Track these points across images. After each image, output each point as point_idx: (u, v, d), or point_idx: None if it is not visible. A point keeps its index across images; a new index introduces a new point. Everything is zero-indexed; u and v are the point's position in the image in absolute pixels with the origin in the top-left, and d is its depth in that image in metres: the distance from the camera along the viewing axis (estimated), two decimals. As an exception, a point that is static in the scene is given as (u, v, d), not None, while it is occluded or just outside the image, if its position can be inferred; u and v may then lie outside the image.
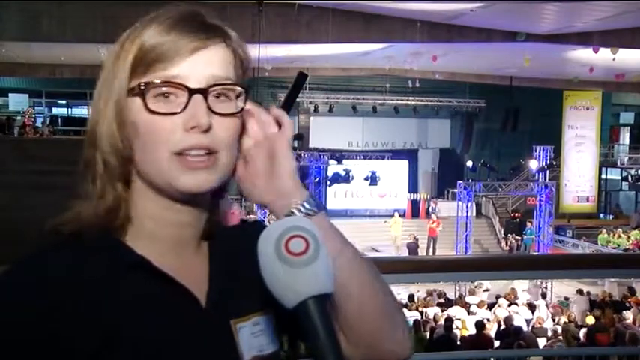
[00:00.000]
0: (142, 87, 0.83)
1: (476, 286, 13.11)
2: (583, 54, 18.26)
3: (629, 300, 11.86)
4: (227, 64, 0.86)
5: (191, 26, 0.85)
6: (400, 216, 22.33)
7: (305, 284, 0.74)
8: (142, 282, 0.85)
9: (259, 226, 0.88)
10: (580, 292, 13.21)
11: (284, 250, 0.74)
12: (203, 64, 0.84)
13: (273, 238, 0.75)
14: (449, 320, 9.56)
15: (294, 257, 0.74)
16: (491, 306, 11.75)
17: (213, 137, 0.84)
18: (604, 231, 21.10)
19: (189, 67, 0.83)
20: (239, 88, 0.87)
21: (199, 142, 0.83)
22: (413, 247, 19.21)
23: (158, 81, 0.83)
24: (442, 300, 12.79)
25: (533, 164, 23.62)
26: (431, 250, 19.94)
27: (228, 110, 0.86)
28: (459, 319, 10.50)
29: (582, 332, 9.22)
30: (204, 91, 0.83)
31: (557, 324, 10.57)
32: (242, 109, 0.88)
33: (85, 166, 0.88)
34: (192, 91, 0.83)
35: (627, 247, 20.08)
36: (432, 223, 20.66)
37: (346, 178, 21.94)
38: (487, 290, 13.41)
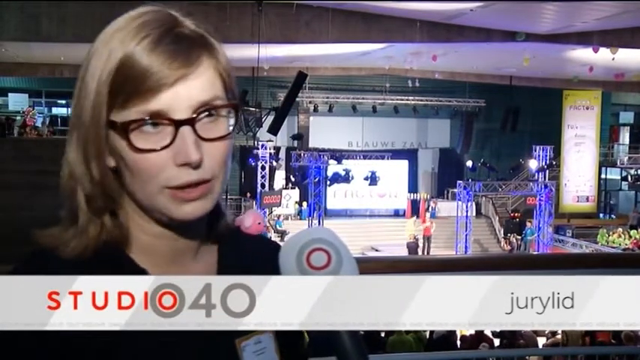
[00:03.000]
0: (125, 127, 0.78)
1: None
2: (583, 54, 18.25)
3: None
4: (212, 83, 0.81)
5: (172, 49, 0.79)
6: (417, 218, 22.26)
7: None
8: None
9: (274, 248, 0.87)
10: None
11: (306, 264, 0.74)
12: (187, 92, 0.78)
13: (295, 251, 0.76)
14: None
15: (316, 271, 0.74)
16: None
17: (205, 168, 0.80)
18: (604, 230, 21.12)
19: (172, 97, 0.78)
20: (229, 109, 0.83)
21: (190, 179, 0.79)
22: (413, 247, 19.23)
23: (141, 118, 0.78)
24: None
25: (533, 164, 23.63)
26: (426, 249, 20.02)
27: (219, 133, 0.81)
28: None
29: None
30: (191, 122, 0.78)
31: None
32: (233, 129, 0.83)
33: (65, 196, 0.85)
34: (178, 123, 0.78)
35: (627, 246, 20.09)
36: (422, 223, 20.79)
37: (346, 178, 21.94)
38: None
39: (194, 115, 0.79)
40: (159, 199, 0.81)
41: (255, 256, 0.95)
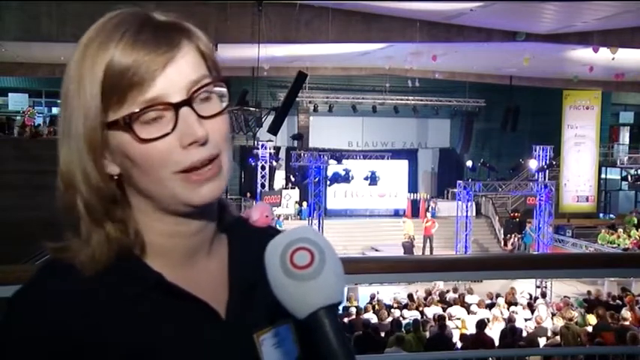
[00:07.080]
0: (127, 120, 0.78)
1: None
2: (583, 53, 18.25)
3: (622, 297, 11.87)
4: (198, 63, 0.83)
5: (152, 37, 0.80)
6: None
7: (313, 297, 0.73)
8: (157, 300, 0.83)
9: None
10: (544, 295, 13.34)
11: (289, 264, 0.74)
12: (177, 74, 0.80)
13: (279, 251, 0.75)
14: (442, 319, 9.52)
15: (300, 271, 0.73)
16: (490, 306, 11.74)
17: (212, 143, 0.81)
18: (604, 230, 21.11)
19: (165, 82, 0.79)
20: (220, 86, 0.85)
21: (201, 156, 0.81)
22: (408, 247, 19.24)
23: (141, 108, 0.79)
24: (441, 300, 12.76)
25: (532, 164, 23.62)
26: (427, 249, 19.96)
27: (216, 110, 0.83)
28: (459, 319, 10.49)
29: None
30: (189, 102, 0.80)
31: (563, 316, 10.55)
32: (227, 104, 0.85)
33: (66, 210, 0.84)
34: (177, 106, 0.79)
35: (627, 246, 20.08)
36: (427, 222, 20.69)
37: (346, 178, 21.92)
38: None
39: (189, 96, 0.80)
40: (172, 187, 0.81)
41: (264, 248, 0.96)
